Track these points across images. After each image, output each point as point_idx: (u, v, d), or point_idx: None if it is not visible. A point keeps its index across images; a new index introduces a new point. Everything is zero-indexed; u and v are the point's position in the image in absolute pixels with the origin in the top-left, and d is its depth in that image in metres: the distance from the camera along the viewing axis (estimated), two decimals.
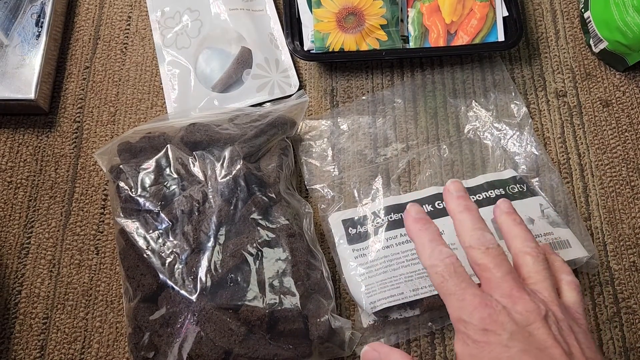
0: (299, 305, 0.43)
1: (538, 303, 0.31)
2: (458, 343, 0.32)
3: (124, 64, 0.58)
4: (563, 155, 0.54)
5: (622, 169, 0.53)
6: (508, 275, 0.32)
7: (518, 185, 0.50)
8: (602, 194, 0.52)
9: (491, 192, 0.49)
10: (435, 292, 0.44)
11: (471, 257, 0.34)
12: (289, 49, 0.55)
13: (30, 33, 0.55)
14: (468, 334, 0.31)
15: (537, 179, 0.51)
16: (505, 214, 0.37)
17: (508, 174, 0.51)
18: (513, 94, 0.55)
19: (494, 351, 0.30)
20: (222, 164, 0.47)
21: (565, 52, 0.58)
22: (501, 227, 0.37)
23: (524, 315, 0.31)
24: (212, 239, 0.44)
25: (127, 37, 0.59)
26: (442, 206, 0.49)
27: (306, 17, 0.55)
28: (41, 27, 0.55)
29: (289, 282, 0.44)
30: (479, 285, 0.33)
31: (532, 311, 0.31)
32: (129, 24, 0.60)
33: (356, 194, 0.51)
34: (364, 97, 0.56)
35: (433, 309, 0.45)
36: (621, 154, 0.53)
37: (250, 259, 0.44)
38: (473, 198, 0.49)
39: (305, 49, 0.55)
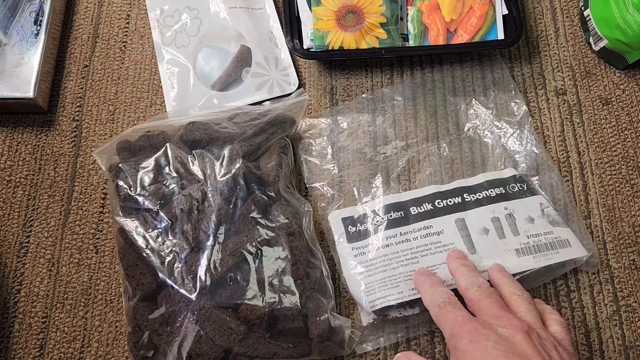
0: (299, 304, 0.43)
1: (522, 321, 0.37)
2: (451, 358, 0.37)
3: (123, 63, 0.58)
4: (563, 154, 0.53)
5: (622, 167, 0.53)
6: (496, 302, 0.39)
7: (518, 184, 0.50)
8: (602, 192, 0.52)
9: (491, 191, 0.49)
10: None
11: (467, 297, 0.40)
12: (288, 47, 0.55)
13: (29, 31, 0.55)
14: (457, 347, 0.36)
15: (537, 177, 0.51)
16: (497, 272, 0.44)
17: (508, 172, 0.51)
18: (513, 92, 0.55)
19: (478, 356, 0.34)
20: (221, 163, 0.47)
21: (565, 50, 0.58)
22: (493, 282, 0.43)
23: (508, 329, 0.36)
24: (211, 238, 0.44)
25: (126, 35, 0.59)
26: (441, 205, 0.49)
27: (305, 16, 0.55)
28: (40, 25, 0.55)
29: (288, 280, 0.44)
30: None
31: (516, 326, 0.36)
32: (128, 23, 0.60)
33: (356, 193, 0.51)
34: (363, 96, 0.56)
35: None
36: (621, 152, 0.53)
37: (249, 257, 0.44)
38: (473, 197, 0.49)
39: (305, 47, 0.55)
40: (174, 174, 0.47)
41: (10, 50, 0.54)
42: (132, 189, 0.46)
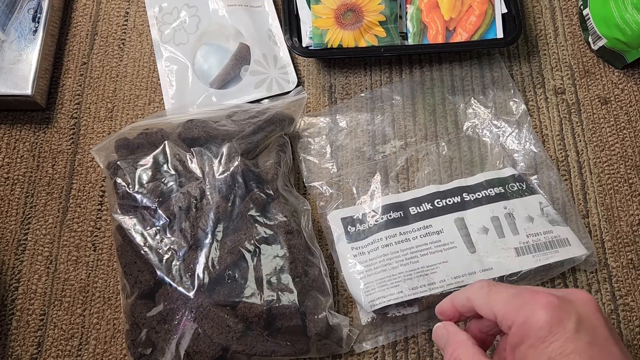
0: (297, 302, 0.43)
1: None
2: None
3: (121, 60, 0.58)
4: (561, 153, 0.54)
5: (620, 166, 0.53)
6: None
7: (517, 184, 0.50)
8: (600, 191, 0.52)
9: (490, 190, 0.49)
10: (434, 291, 0.44)
11: None
12: (287, 45, 0.55)
13: (27, 28, 0.55)
14: None
15: (535, 176, 0.51)
16: None
17: (507, 172, 0.51)
18: (512, 91, 0.55)
19: None
20: (219, 161, 0.47)
21: (564, 50, 0.58)
22: None
23: None
24: (209, 236, 0.44)
25: (125, 32, 0.59)
26: (441, 204, 0.49)
27: (304, 14, 0.55)
28: (38, 22, 0.55)
29: (286, 279, 0.43)
30: None
31: None
32: (126, 20, 0.60)
33: (355, 192, 0.51)
34: (362, 94, 0.56)
35: (431, 307, 0.45)
36: (619, 152, 0.53)
37: (247, 255, 0.44)
38: (472, 196, 0.49)
39: (304, 45, 0.54)
40: (172, 172, 0.47)
41: (8, 47, 0.54)
42: (130, 186, 0.46)
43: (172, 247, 0.44)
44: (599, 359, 0.27)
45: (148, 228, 0.45)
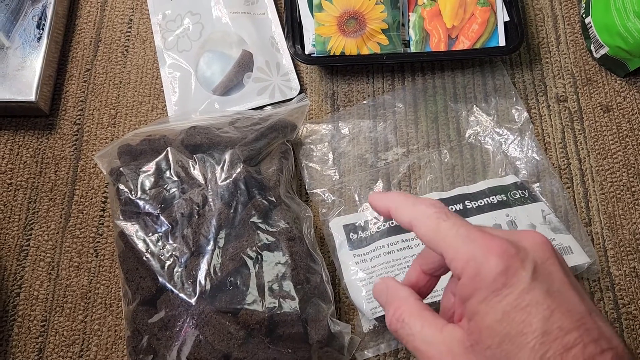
0: (299, 309, 0.43)
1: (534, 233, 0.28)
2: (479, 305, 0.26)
3: (124, 67, 0.58)
4: (564, 161, 0.54)
5: (623, 174, 0.53)
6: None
7: (520, 191, 0.50)
8: (603, 199, 0.52)
9: (493, 198, 0.49)
10: (436, 299, 0.44)
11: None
12: (290, 52, 0.55)
13: (32, 35, 0.55)
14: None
15: (538, 184, 0.51)
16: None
17: (509, 179, 0.51)
18: (514, 98, 0.55)
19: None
20: (222, 167, 0.47)
21: (566, 57, 0.58)
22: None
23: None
24: (211, 242, 0.44)
25: (129, 39, 0.59)
26: None
27: (307, 21, 0.55)
28: (42, 29, 0.55)
29: (288, 285, 0.43)
30: None
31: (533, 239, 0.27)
32: (130, 27, 0.60)
33: (357, 199, 0.51)
34: (364, 101, 0.56)
35: None
36: (622, 160, 0.53)
37: (249, 262, 0.44)
38: (474, 204, 0.49)
39: (306, 52, 0.55)
40: (175, 178, 0.47)
41: (13, 54, 0.54)
42: (132, 192, 0.46)
43: (174, 253, 0.44)
44: (557, 307, 0.24)
45: (150, 234, 0.45)
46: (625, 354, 0.24)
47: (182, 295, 0.42)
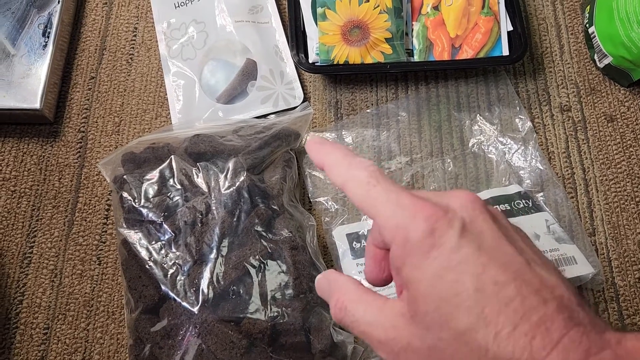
0: (301, 319, 0.42)
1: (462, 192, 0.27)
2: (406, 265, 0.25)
3: (129, 75, 0.58)
4: (567, 170, 0.53)
5: (627, 184, 0.53)
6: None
7: (523, 201, 0.50)
8: (607, 209, 0.52)
9: (496, 207, 0.49)
10: None
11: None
12: (293, 61, 0.55)
13: (37, 43, 0.55)
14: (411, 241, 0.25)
15: (541, 193, 0.51)
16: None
17: (513, 189, 0.51)
18: (517, 108, 0.55)
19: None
20: (225, 176, 0.47)
21: (569, 67, 0.58)
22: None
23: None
24: (214, 251, 0.44)
25: (133, 47, 0.60)
26: None
27: (311, 30, 0.55)
28: (48, 37, 0.56)
29: (291, 294, 0.43)
30: None
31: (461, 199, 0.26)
32: (135, 35, 0.60)
33: None
34: (368, 110, 0.56)
35: None
36: (626, 169, 0.53)
37: (252, 271, 0.44)
38: None
39: (310, 61, 0.55)
40: (178, 186, 0.47)
41: (19, 62, 0.54)
42: (136, 200, 0.46)
43: (177, 261, 0.44)
44: (490, 262, 0.23)
45: (153, 242, 0.45)
46: (572, 302, 0.23)
47: (184, 303, 0.42)
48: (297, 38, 0.55)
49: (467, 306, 0.22)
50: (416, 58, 0.55)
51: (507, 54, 0.55)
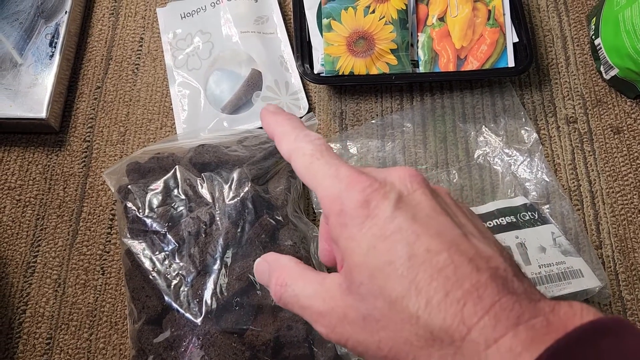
0: (305, 331, 0.42)
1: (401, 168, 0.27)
2: (337, 230, 0.25)
3: (135, 85, 0.59)
4: (574, 182, 0.53)
5: (634, 196, 0.52)
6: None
7: (529, 213, 0.49)
8: (614, 222, 0.51)
9: (502, 220, 0.49)
10: None
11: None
12: (299, 71, 0.55)
13: (44, 53, 0.56)
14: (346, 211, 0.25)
15: (547, 205, 0.51)
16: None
17: (519, 201, 0.50)
18: (523, 119, 0.55)
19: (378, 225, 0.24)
20: (230, 186, 0.47)
21: (575, 79, 0.58)
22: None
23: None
24: (218, 262, 0.44)
25: (139, 58, 0.60)
26: None
27: (317, 41, 0.55)
28: (55, 47, 0.56)
29: None
30: None
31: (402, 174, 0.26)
32: (141, 45, 0.60)
33: None
34: (373, 121, 0.56)
35: None
36: (633, 182, 0.53)
37: (256, 282, 0.43)
38: None
39: (315, 72, 0.55)
40: (183, 197, 0.47)
41: (25, 71, 0.55)
42: (140, 210, 0.46)
43: (180, 272, 0.44)
44: (424, 232, 0.23)
45: (157, 253, 0.45)
46: (508, 272, 0.23)
47: (187, 315, 0.42)
48: (302, 49, 0.55)
49: (400, 274, 0.22)
50: (421, 69, 0.55)
51: (513, 65, 0.55)
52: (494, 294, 0.21)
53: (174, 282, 0.43)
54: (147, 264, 0.44)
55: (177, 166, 0.48)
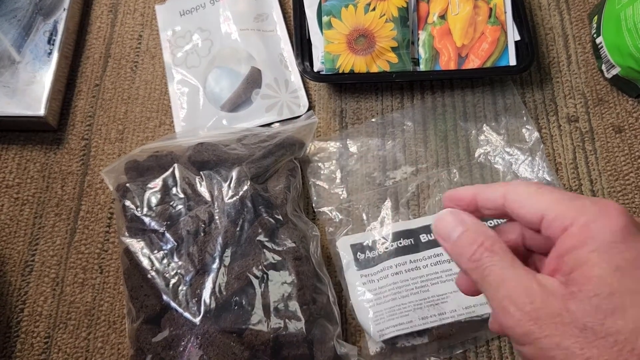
0: (304, 330, 0.42)
1: None
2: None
3: (133, 82, 0.58)
4: (575, 182, 0.53)
5: (635, 196, 0.52)
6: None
7: None
8: None
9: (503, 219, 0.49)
10: (445, 321, 0.43)
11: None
12: (298, 69, 0.55)
13: (42, 50, 0.55)
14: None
15: None
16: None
17: None
18: (524, 118, 0.55)
19: None
20: (229, 185, 0.47)
21: (577, 77, 0.57)
22: None
23: None
24: (217, 261, 0.44)
25: (138, 55, 0.59)
26: None
27: (317, 38, 0.55)
28: (53, 44, 0.56)
29: (294, 306, 0.43)
30: None
31: None
32: (139, 43, 0.60)
33: (364, 218, 0.50)
34: (373, 119, 0.56)
35: (442, 338, 0.44)
36: (634, 181, 0.53)
37: (255, 281, 0.43)
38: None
39: (315, 70, 0.54)
40: (181, 195, 0.46)
41: (23, 69, 0.54)
42: (138, 209, 0.46)
43: (179, 271, 0.43)
44: None
45: (155, 251, 0.44)
46: None
47: (186, 314, 0.42)
48: (302, 46, 0.55)
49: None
50: (422, 67, 0.55)
51: (514, 63, 0.55)
52: None
53: (173, 281, 0.43)
54: (146, 263, 0.44)
55: (175, 164, 0.47)
